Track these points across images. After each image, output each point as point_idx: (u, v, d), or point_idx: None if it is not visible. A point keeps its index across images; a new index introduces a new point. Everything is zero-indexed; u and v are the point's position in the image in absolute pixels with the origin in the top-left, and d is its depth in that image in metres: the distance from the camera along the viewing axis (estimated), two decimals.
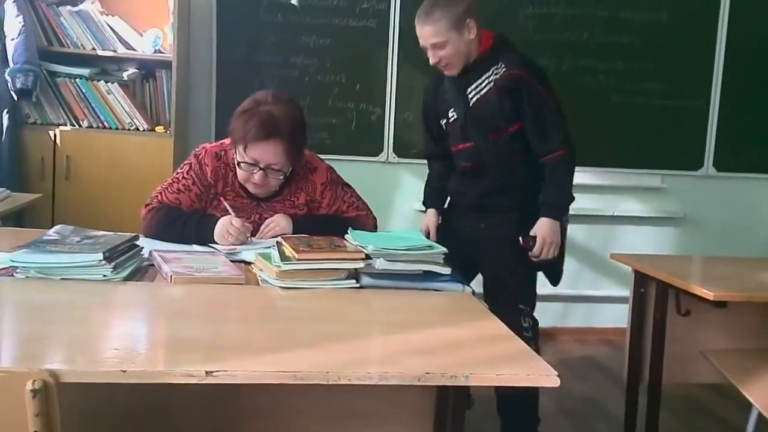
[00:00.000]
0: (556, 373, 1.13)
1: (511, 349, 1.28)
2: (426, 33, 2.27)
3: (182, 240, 1.96)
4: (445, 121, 2.46)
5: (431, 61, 2.33)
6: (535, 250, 2.27)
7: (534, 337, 2.36)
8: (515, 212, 2.35)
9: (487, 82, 2.32)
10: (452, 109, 2.41)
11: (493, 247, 2.38)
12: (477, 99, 2.33)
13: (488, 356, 1.25)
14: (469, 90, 2.34)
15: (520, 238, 2.28)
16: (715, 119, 3.93)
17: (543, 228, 2.28)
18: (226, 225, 1.94)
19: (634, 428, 2.46)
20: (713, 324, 2.24)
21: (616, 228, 3.97)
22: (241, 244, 1.92)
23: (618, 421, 2.63)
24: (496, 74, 2.29)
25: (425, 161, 2.70)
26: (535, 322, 2.38)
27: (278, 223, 2.05)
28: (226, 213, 2.00)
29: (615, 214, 3.91)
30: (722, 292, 1.91)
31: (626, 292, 2.51)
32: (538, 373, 1.15)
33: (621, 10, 3.80)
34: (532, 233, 2.29)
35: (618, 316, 3.67)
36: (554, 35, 3.76)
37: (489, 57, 2.30)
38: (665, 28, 3.84)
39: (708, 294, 1.89)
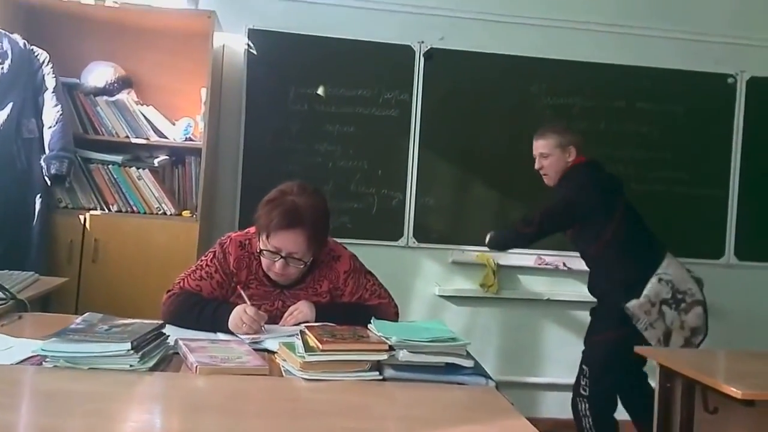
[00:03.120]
0: None
1: None
2: (538, 144, 3.13)
3: (199, 326, 1.98)
4: None
5: (536, 166, 3.15)
6: None
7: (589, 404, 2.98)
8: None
9: None
10: None
11: None
12: None
13: None
14: None
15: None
16: (734, 208, 3.95)
17: None
18: (240, 313, 1.96)
19: None
20: (742, 422, 2.18)
21: None
22: (255, 333, 1.93)
23: None
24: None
25: (445, 246, 2.87)
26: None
27: (301, 310, 2.07)
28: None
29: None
30: (750, 390, 1.87)
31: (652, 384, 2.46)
32: None
33: (637, 101, 3.90)
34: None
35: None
36: (572, 125, 3.85)
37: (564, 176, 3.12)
38: (681, 118, 3.91)
39: (736, 393, 1.85)
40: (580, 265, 3.84)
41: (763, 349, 2.79)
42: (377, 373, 1.66)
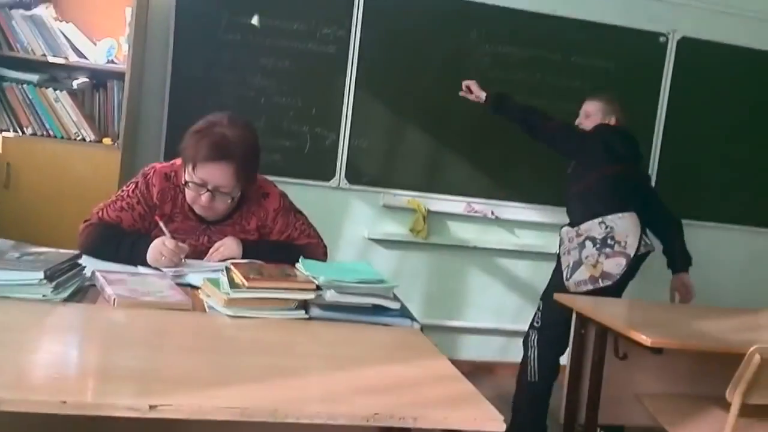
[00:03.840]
0: (502, 417, 1.14)
1: (459, 390, 1.28)
2: (587, 104, 3.23)
3: (116, 259, 1.91)
4: None
5: (576, 121, 3.23)
6: None
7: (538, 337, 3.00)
8: None
9: None
10: None
11: None
12: None
13: (436, 397, 1.25)
14: None
15: None
16: (655, 165, 4.09)
17: None
18: (159, 246, 1.90)
19: None
20: (649, 368, 2.31)
21: None
22: (175, 266, 1.88)
23: None
24: None
25: (376, 189, 2.85)
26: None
27: (228, 246, 2.02)
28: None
29: (556, 251, 4.00)
30: (659, 338, 1.97)
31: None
32: (485, 417, 1.16)
33: (572, 54, 3.93)
34: None
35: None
36: (510, 75, 3.86)
37: None
38: (613, 74, 3.98)
39: (645, 340, 1.94)
40: (509, 214, 3.94)
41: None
42: (303, 312, 1.65)
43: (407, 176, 3.84)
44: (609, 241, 2.83)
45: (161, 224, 1.97)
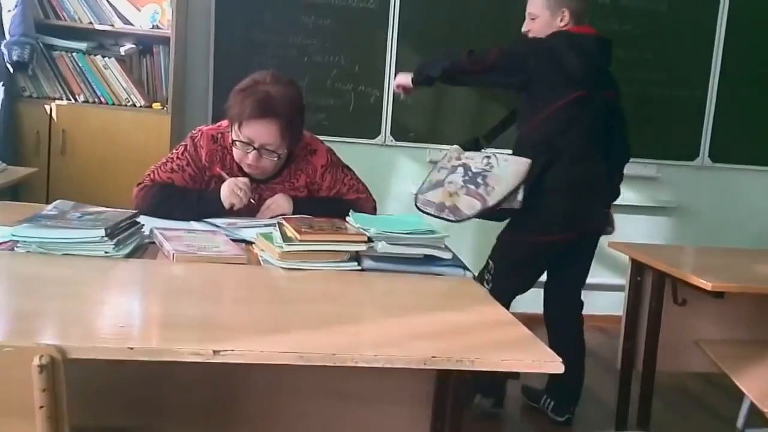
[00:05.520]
0: (560, 359, 1.14)
1: (515, 335, 1.28)
2: (529, 2, 2.65)
3: (179, 215, 1.95)
4: None
5: (523, 28, 2.66)
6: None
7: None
8: None
9: None
10: None
11: None
12: None
13: (492, 341, 1.25)
14: None
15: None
16: (712, 110, 3.95)
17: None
18: (232, 184, 1.95)
19: (626, 415, 2.49)
20: (708, 314, 2.26)
21: None
22: (248, 204, 1.95)
23: (609, 407, 2.66)
24: None
25: (422, 145, 2.72)
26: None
27: (279, 203, 2.04)
28: None
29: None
30: (720, 282, 1.92)
31: (621, 281, 2.52)
32: (542, 358, 1.15)
33: None
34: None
35: (611, 304, 3.70)
36: None
37: None
38: (665, 16, 3.83)
39: (706, 284, 1.90)
40: None
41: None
42: (356, 263, 1.66)
43: (453, 131, 3.78)
44: (479, 179, 2.46)
45: (223, 174, 2.01)
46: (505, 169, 2.45)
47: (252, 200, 1.99)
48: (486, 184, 2.44)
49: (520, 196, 2.45)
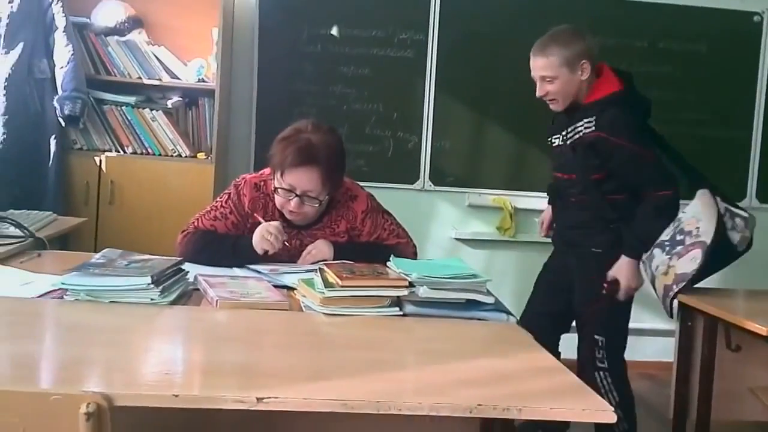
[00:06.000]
0: (612, 408, 1.10)
1: (563, 382, 1.25)
2: (538, 65, 2.34)
3: (217, 261, 1.98)
4: (551, 141, 2.51)
5: (538, 93, 2.37)
6: (620, 294, 2.31)
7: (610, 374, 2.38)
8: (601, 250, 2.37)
9: (577, 132, 2.35)
10: (557, 136, 2.46)
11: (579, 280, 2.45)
12: (569, 142, 2.37)
13: (539, 389, 1.22)
14: (568, 130, 2.38)
15: (605, 284, 2.33)
16: (758, 150, 3.87)
17: (620, 269, 2.32)
18: (263, 230, 1.98)
19: None
20: (764, 360, 2.17)
21: None
22: (279, 248, 1.97)
23: None
24: (587, 128, 2.31)
25: (461, 189, 2.69)
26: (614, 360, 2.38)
27: (320, 249, 2.06)
28: None
29: None
30: None
31: (669, 326, 2.44)
32: (593, 408, 1.12)
33: (659, 40, 3.78)
34: (609, 273, 2.33)
35: (659, 350, 3.59)
36: None
37: (591, 108, 2.32)
38: (705, 58, 3.80)
39: (761, 329, 1.83)
40: None
41: None
42: (397, 308, 1.65)
43: (491, 175, 3.79)
44: (678, 237, 2.25)
45: (260, 218, 2.04)
46: (689, 210, 2.31)
47: (287, 243, 2.01)
48: (688, 233, 2.25)
49: (735, 209, 2.34)
